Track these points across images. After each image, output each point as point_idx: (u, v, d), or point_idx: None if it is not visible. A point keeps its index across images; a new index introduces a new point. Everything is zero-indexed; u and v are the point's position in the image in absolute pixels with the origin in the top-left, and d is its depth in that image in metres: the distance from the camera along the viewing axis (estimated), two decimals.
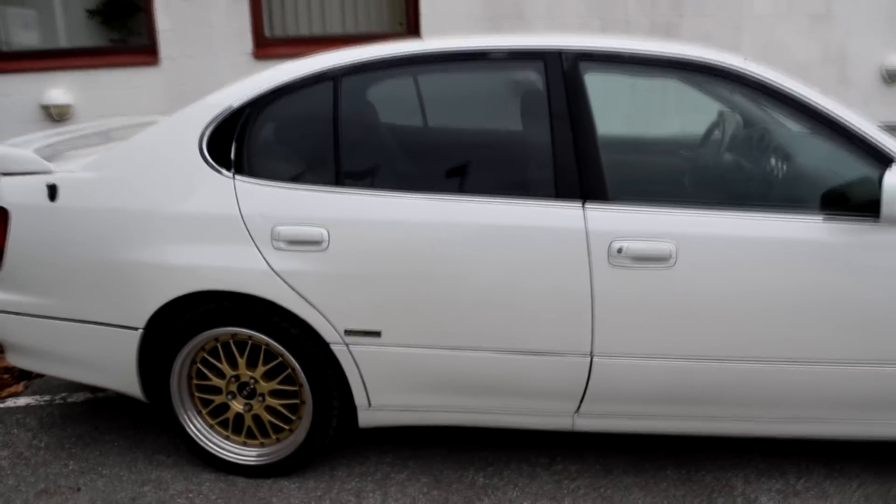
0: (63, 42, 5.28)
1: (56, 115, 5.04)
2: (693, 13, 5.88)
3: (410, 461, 2.51)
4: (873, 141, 2.07)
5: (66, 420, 2.80)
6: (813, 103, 2.11)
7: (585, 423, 2.29)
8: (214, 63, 5.24)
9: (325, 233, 2.18)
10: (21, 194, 2.39)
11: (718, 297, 2.07)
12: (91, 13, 5.28)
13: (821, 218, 2.05)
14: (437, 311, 2.17)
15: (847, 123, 2.09)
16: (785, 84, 2.15)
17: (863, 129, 2.09)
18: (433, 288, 2.16)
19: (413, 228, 2.15)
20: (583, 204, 2.11)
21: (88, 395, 2.98)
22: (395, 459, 2.52)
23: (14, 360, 2.57)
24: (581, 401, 2.23)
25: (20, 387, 3.02)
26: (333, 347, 2.25)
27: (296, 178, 2.25)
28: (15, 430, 2.73)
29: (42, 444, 2.63)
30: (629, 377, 2.17)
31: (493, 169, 2.19)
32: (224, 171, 2.27)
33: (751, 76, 2.16)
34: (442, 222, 2.14)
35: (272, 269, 2.20)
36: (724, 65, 2.16)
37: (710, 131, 2.48)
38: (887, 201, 1.91)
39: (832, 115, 2.10)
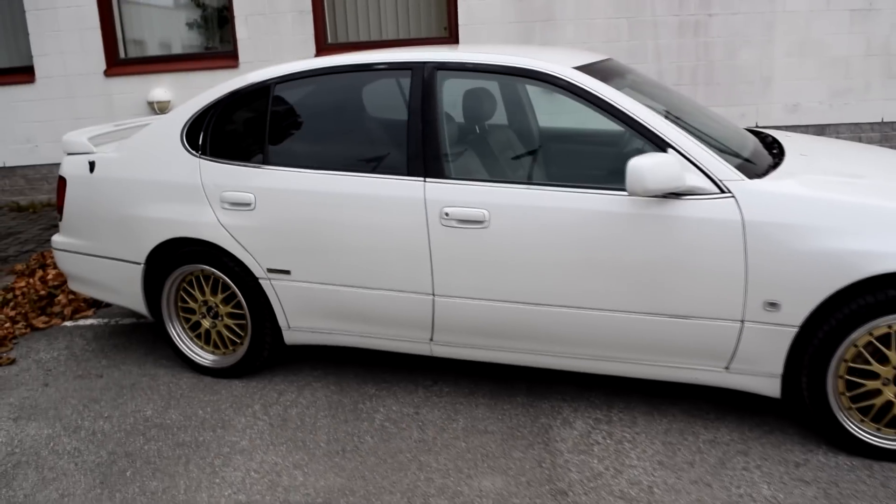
0: (166, 50, 6.57)
1: (158, 110, 6.33)
2: (722, 10, 6.07)
3: (331, 376, 3.29)
4: (656, 132, 2.55)
5: (112, 334, 3.87)
6: (613, 102, 2.62)
7: (440, 350, 2.95)
8: None
9: (252, 197, 3.02)
10: (74, 168, 3.45)
11: (522, 252, 2.66)
12: (190, 25, 6.53)
13: (602, 192, 2.57)
14: (326, 257, 2.94)
15: (639, 119, 2.57)
16: (594, 87, 2.66)
17: (650, 124, 2.57)
18: (323, 240, 2.92)
19: (310, 195, 2.93)
20: (424, 179, 2.78)
21: (133, 320, 4.05)
22: (320, 374, 3.31)
23: (72, 286, 3.66)
24: (432, 331, 2.90)
25: (90, 311, 4.15)
26: (261, 281, 3.09)
27: (238, 158, 3.10)
28: (77, 339, 3.84)
29: (90, 348, 3.71)
30: (462, 314, 2.81)
31: (367, 152, 2.91)
32: (194, 153, 3.18)
33: (564, 80, 2.69)
34: (328, 191, 2.90)
35: (220, 222, 3.07)
36: (544, 71, 2.72)
37: (525, 123, 3.00)
38: (628, 179, 2.40)
39: (627, 111, 2.59)
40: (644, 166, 2.35)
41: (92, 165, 3.39)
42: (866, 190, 2.47)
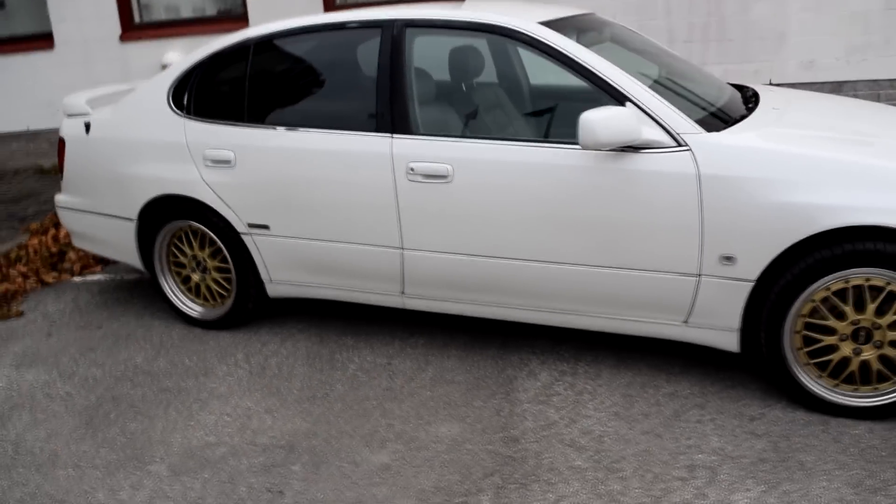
0: (179, 14, 6.66)
1: None
2: None
3: (313, 328, 3.40)
4: (615, 86, 2.54)
5: (116, 289, 4.05)
6: (574, 57, 2.60)
7: (412, 303, 3.03)
8: None
9: (232, 155, 3.11)
10: (72, 129, 3.59)
11: (484, 207, 2.70)
12: None
13: (561, 146, 2.58)
14: (302, 212, 3.02)
15: (598, 73, 2.56)
16: (555, 42, 2.65)
17: (609, 77, 2.56)
18: (298, 195, 3.00)
19: (285, 153, 3.01)
20: (392, 135, 2.82)
21: (136, 276, 4.22)
22: (304, 326, 3.43)
23: (75, 242, 3.83)
24: (403, 284, 2.97)
25: (98, 268, 4.34)
26: (243, 236, 3.20)
27: (219, 117, 3.19)
28: (83, 293, 4.03)
29: (94, 302, 3.89)
30: (430, 267, 2.87)
31: (339, 109, 2.96)
32: (179, 112, 3.27)
33: (526, 34, 2.68)
34: (302, 148, 2.97)
35: (203, 179, 3.18)
36: (507, 26, 2.72)
37: (496, 80, 2.99)
38: (580, 133, 2.40)
39: (587, 65, 2.58)
40: (595, 119, 2.35)
41: (88, 126, 3.52)
42: (826, 143, 2.42)
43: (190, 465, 2.47)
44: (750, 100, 3.03)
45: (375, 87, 2.87)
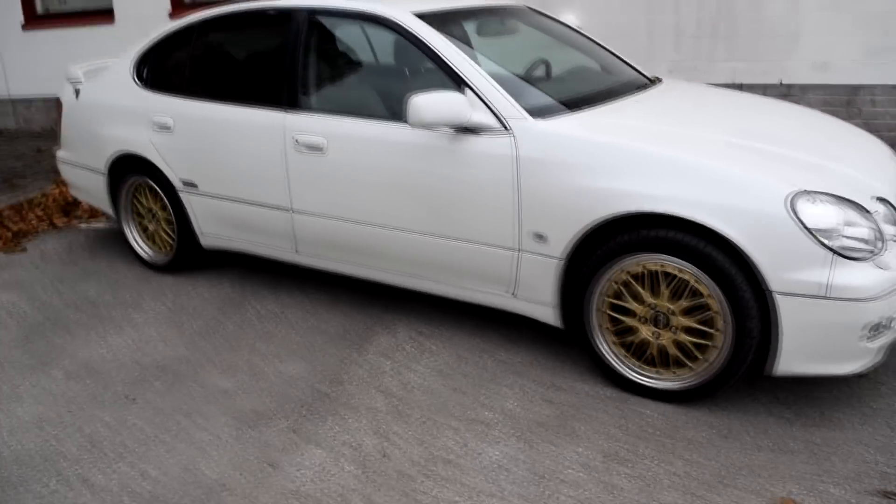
0: None
1: None
2: None
3: (241, 279, 3.83)
4: (458, 72, 2.76)
5: (106, 236, 4.67)
6: (429, 44, 2.85)
7: (303, 260, 3.39)
8: None
9: (172, 121, 3.57)
10: (67, 94, 4.19)
11: (349, 176, 3.01)
12: None
13: (405, 125, 2.84)
14: (220, 174, 3.45)
15: (446, 61, 2.80)
16: (416, 30, 2.90)
17: (454, 64, 2.78)
18: (216, 159, 3.43)
19: (208, 122, 3.44)
20: (286, 111, 3.17)
21: None
22: (235, 276, 3.87)
23: (71, 191, 4.47)
24: (295, 242, 3.33)
25: (103, 217, 4.99)
26: (179, 192, 3.67)
27: (166, 90, 3.66)
28: (80, 237, 4.68)
29: (85, 245, 4.53)
30: (312, 228, 3.21)
31: (251, 86, 3.35)
32: (139, 84, 3.78)
33: (395, 22, 2.95)
34: (220, 119, 3.39)
35: (151, 142, 3.67)
36: (380, 14, 2.99)
37: (371, 63, 3.23)
38: (408, 113, 2.63)
39: (438, 53, 2.82)
40: (420, 102, 2.60)
41: (77, 92, 4.12)
42: (638, 134, 2.54)
43: (81, 373, 2.96)
44: (640, 90, 3.15)
45: (278, 67, 3.24)
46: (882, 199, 2.45)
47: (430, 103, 2.60)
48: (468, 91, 2.73)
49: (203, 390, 2.80)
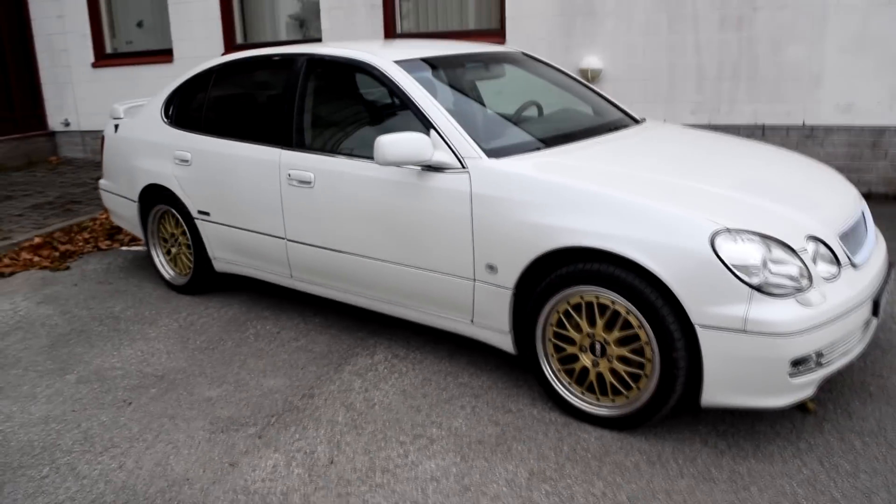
0: (274, 38, 7.84)
1: None
2: (768, 4, 5.87)
3: (252, 301, 4.16)
4: (426, 115, 3.02)
5: (143, 259, 5.11)
6: (403, 90, 3.13)
7: (298, 285, 3.68)
8: None
9: (190, 156, 3.97)
10: (109, 128, 4.68)
11: (332, 209, 3.30)
12: (291, 17, 7.77)
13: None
14: (228, 205, 3.82)
15: (416, 104, 3.07)
16: (395, 78, 3.18)
17: (423, 108, 3.04)
18: (225, 191, 3.79)
19: (219, 157, 3.81)
20: (282, 149, 3.50)
21: None
22: (245, 298, 4.20)
23: (111, 217, 4.94)
24: (290, 268, 3.62)
25: (142, 242, 5.45)
26: (195, 220, 4.04)
27: (186, 127, 4.07)
28: (119, 259, 5.16)
29: (123, 266, 4.98)
30: (303, 255, 3.50)
31: (257, 125, 3.70)
32: (166, 121, 4.21)
33: (376, 70, 3.25)
34: (230, 154, 3.76)
35: (173, 174, 4.08)
36: (365, 62, 3.30)
37: (356, 105, 3.51)
38: (375, 152, 2.88)
39: (409, 97, 3.09)
40: (384, 142, 2.86)
41: (116, 127, 4.60)
42: (583, 174, 2.71)
43: (90, 378, 3.32)
44: (612, 131, 3.34)
45: (278, 109, 3.59)
46: (816, 239, 2.53)
47: (394, 143, 2.86)
48: (433, 132, 2.98)
49: (191, 398, 3.10)
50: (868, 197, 5.96)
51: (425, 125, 3.04)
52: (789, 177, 2.98)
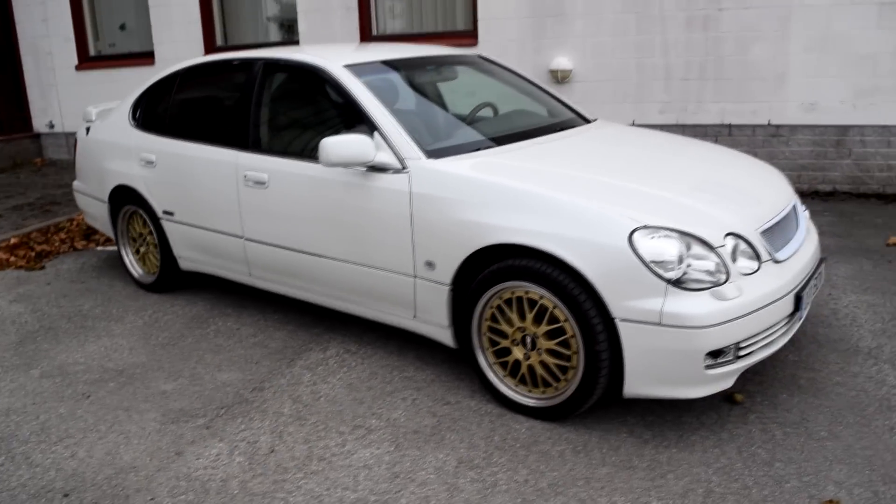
0: (253, 40, 7.95)
1: None
2: (734, 5, 5.97)
3: (216, 299, 4.28)
4: (370, 117, 3.13)
5: (116, 258, 5.21)
6: (350, 93, 3.24)
7: (257, 282, 3.79)
8: None
9: (154, 157, 4.08)
10: (81, 131, 4.79)
11: (284, 208, 3.42)
12: (269, 19, 7.86)
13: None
14: (190, 204, 3.93)
15: (361, 107, 3.18)
16: (343, 81, 3.29)
17: (367, 111, 3.15)
18: (187, 191, 3.91)
19: (181, 158, 3.93)
20: (240, 151, 3.61)
21: None
22: (210, 296, 4.31)
23: (85, 218, 5.05)
24: (248, 266, 3.74)
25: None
26: (161, 220, 4.16)
27: (152, 130, 4.18)
28: (93, 259, 5.27)
29: (96, 265, 5.10)
30: (259, 253, 3.62)
31: (216, 128, 3.81)
32: (133, 124, 4.32)
33: (325, 73, 3.36)
34: (191, 156, 3.88)
35: (139, 175, 4.19)
36: (315, 65, 3.41)
37: (307, 108, 3.61)
38: (319, 154, 3.00)
39: (355, 100, 3.20)
40: (328, 143, 2.97)
41: (87, 130, 4.71)
42: (515, 173, 2.82)
43: (53, 373, 3.43)
44: (558, 131, 3.45)
45: (236, 112, 3.70)
46: (736, 235, 2.64)
47: (337, 144, 2.97)
48: (377, 134, 3.09)
49: (146, 391, 3.21)
50: (831, 195, 6.07)
51: (370, 127, 3.14)
52: (723, 174, 3.08)
